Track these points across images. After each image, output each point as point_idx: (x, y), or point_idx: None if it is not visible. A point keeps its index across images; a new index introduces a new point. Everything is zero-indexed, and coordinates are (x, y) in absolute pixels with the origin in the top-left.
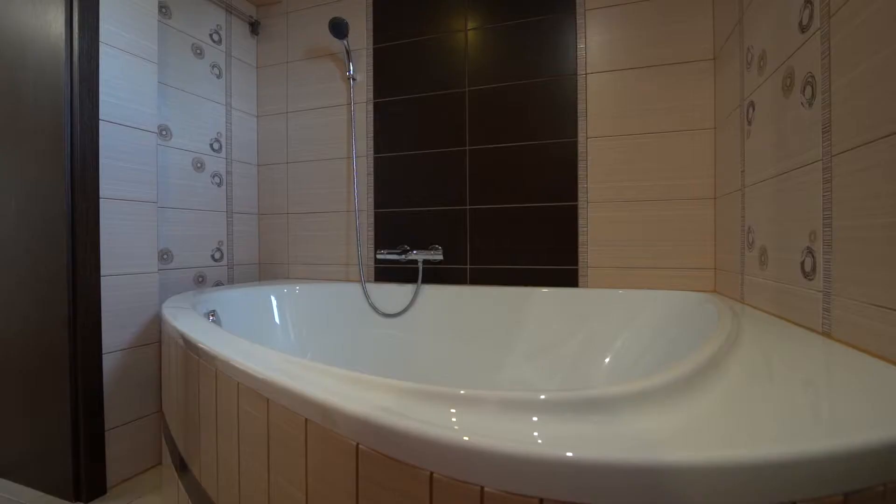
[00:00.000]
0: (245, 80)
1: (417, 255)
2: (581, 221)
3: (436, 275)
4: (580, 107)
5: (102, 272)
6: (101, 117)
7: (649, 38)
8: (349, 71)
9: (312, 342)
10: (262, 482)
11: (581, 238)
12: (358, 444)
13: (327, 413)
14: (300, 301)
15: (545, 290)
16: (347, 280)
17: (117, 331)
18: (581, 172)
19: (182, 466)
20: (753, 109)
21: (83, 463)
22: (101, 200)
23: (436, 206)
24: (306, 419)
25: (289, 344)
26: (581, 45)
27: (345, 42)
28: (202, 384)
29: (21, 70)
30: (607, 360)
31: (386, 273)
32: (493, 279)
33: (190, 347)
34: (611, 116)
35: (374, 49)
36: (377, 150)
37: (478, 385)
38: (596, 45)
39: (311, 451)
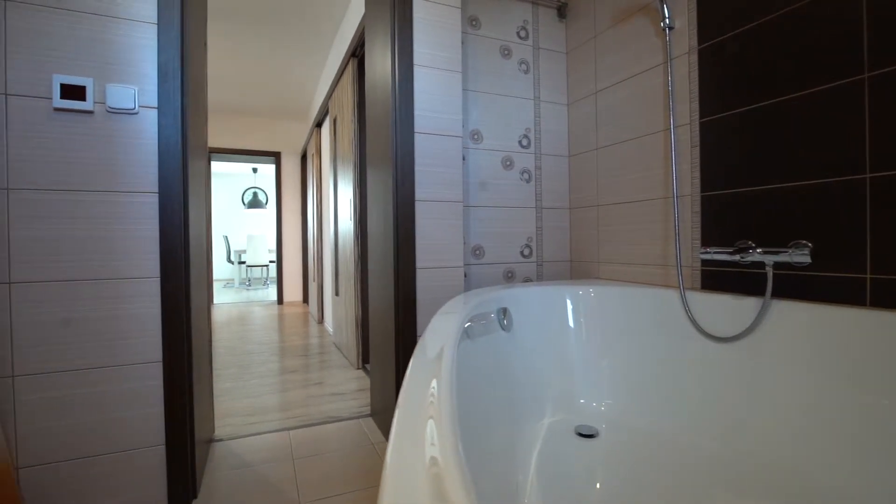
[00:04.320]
0: (553, 69)
1: (764, 256)
2: None
3: (800, 285)
4: None
5: (417, 265)
6: (415, 130)
7: None
8: (664, 20)
9: (609, 352)
10: None
11: None
12: None
13: None
14: (596, 305)
15: None
16: (665, 286)
17: (429, 316)
18: None
19: None
20: None
21: None
22: (416, 203)
23: (800, 179)
24: None
25: (581, 350)
26: None
27: None
28: None
29: (377, 102)
30: None
31: (717, 279)
32: None
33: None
34: None
35: None
36: (704, 113)
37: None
38: None
39: None
